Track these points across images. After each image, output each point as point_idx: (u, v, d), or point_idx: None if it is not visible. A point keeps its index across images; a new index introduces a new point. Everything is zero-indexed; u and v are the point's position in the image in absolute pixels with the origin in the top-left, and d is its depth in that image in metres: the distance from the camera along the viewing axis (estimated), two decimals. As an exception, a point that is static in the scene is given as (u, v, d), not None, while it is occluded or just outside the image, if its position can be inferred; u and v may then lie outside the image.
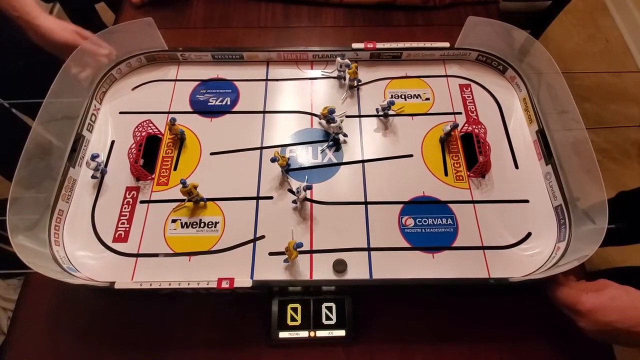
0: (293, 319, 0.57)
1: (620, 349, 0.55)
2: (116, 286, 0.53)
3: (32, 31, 0.69)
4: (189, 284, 0.53)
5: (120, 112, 0.72)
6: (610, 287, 0.49)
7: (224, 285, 0.53)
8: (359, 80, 0.74)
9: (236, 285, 0.53)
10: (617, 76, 1.64)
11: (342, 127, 0.67)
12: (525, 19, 1.28)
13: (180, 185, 0.59)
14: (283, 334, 0.56)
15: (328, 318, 0.57)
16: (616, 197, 0.78)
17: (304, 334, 0.56)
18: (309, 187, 0.63)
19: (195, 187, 0.61)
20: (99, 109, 0.72)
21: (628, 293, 0.48)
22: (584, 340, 0.50)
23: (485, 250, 0.59)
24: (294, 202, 0.62)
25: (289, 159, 0.65)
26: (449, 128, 0.65)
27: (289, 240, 0.56)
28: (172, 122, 0.67)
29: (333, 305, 0.57)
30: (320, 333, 0.56)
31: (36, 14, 0.69)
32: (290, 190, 0.63)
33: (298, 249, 0.55)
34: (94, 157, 0.63)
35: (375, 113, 0.71)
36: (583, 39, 1.76)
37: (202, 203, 0.63)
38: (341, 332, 0.56)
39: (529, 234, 0.60)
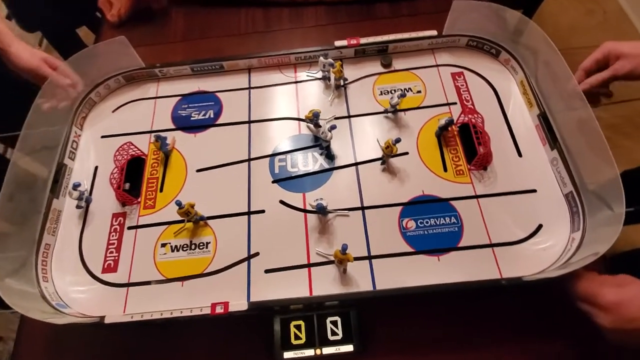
0: (297, 337, 0.54)
1: None
2: (106, 321, 0.51)
3: (5, 57, 0.69)
4: (181, 312, 0.51)
5: (102, 136, 0.70)
6: (634, 284, 0.45)
7: (219, 310, 0.51)
8: (345, 79, 0.71)
9: (231, 309, 0.51)
10: (619, 47, 1.58)
11: (329, 133, 0.63)
12: (517, -2, 1.23)
13: (177, 207, 0.57)
14: (288, 355, 0.53)
15: (334, 333, 0.54)
16: (622, 177, 0.73)
17: (309, 352, 0.53)
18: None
19: (192, 206, 0.58)
20: (79, 135, 0.70)
21: None
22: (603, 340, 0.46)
23: (494, 248, 0.55)
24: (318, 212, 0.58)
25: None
26: (444, 122, 0.61)
27: (287, 255, 0.54)
28: (157, 139, 0.64)
29: (338, 319, 0.54)
30: (327, 350, 0.53)
31: (8, 42, 0.69)
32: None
33: (346, 252, 0.51)
34: (75, 187, 0.60)
35: (366, 112, 0.68)
36: (580, 12, 1.70)
37: (201, 222, 0.60)
38: (349, 347, 0.53)
39: (540, 226, 0.56)
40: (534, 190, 0.59)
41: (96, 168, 0.67)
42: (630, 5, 1.67)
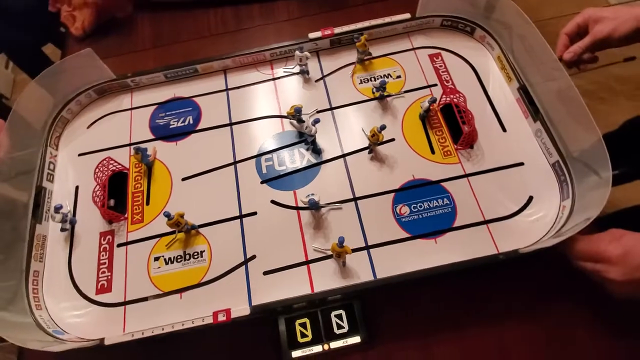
0: (303, 335, 0.53)
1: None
2: (106, 342, 0.49)
3: None
4: (183, 325, 0.50)
5: (80, 154, 0.67)
6: (628, 235, 0.46)
7: (221, 318, 0.50)
8: (369, 53, 0.70)
9: (234, 315, 0.50)
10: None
11: (313, 127, 0.62)
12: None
13: (166, 219, 0.55)
14: (296, 353, 0.53)
15: (339, 327, 0.53)
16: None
17: (317, 348, 0.53)
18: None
19: (182, 216, 0.56)
20: (56, 156, 0.67)
21: None
22: (606, 298, 0.48)
23: (489, 224, 0.55)
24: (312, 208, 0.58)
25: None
26: (427, 104, 0.61)
27: (284, 255, 0.54)
28: (137, 151, 0.62)
29: (342, 312, 0.54)
30: (335, 344, 0.53)
31: None
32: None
33: (343, 244, 0.50)
34: (57, 209, 0.58)
35: (348, 102, 0.67)
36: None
37: (193, 231, 0.59)
38: (356, 339, 0.53)
39: (531, 198, 0.57)
40: (522, 164, 0.59)
41: (77, 188, 0.65)
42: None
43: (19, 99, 0.63)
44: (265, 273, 0.55)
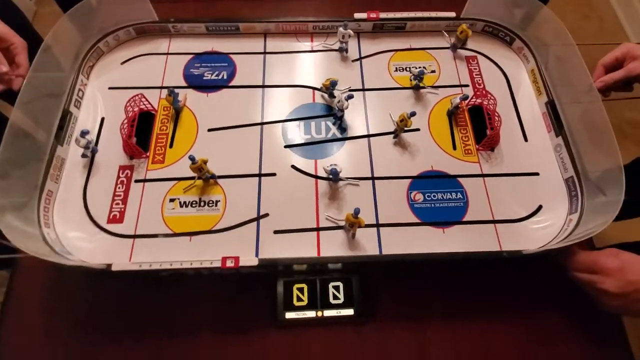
0: (299, 299, 0.55)
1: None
2: (113, 268, 0.50)
3: None
4: (191, 264, 0.51)
5: (110, 88, 0.68)
6: (625, 253, 0.49)
7: (229, 264, 0.51)
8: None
9: (241, 264, 0.51)
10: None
11: (345, 102, 0.63)
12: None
13: (190, 162, 0.56)
14: (290, 315, 0.54)
15: (335, 297, 0.55)
16: None
17: (311, 314, 0.54)
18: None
19: (205, 163, 0.57)
20: (86, 85, 0.68)
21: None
22: (596, 310, 0.50)
23: (497, 224, 0.57)
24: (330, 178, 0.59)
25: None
26: (458, 100, 0.63)
27: (296, 218, 0.55)
28: (170, 94, 0.62)
29: (340, 284, 0.56)
30: (328, 312, 0.54)
31: None
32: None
33: (358, 216, 0.52)
34: (83, 134, 0.59)
35: (380, 87, 0.69)
36: (577, 18, 1.75)
37: (212, 180, 0.60)
38: (349, 311, 0.54)
39: (540, 207, 0.59)
40: (537, 174, 0.61)
41: (102, 119, 0.65)
42: (626, 17, 1.72)
43: (61, 20, 0.63)
44: (276, 232, 0.57)
